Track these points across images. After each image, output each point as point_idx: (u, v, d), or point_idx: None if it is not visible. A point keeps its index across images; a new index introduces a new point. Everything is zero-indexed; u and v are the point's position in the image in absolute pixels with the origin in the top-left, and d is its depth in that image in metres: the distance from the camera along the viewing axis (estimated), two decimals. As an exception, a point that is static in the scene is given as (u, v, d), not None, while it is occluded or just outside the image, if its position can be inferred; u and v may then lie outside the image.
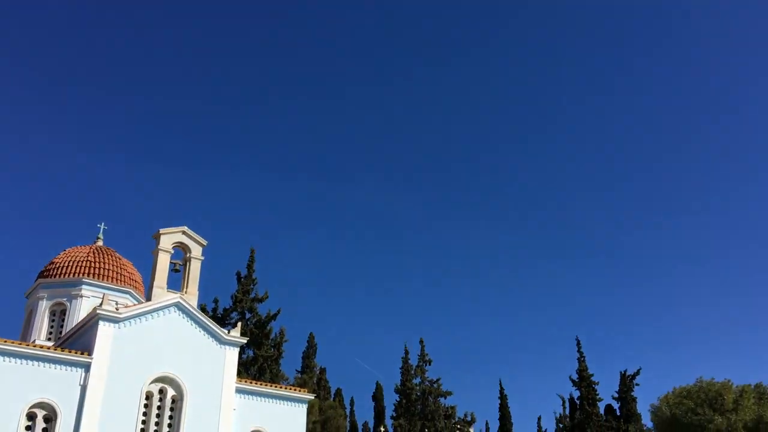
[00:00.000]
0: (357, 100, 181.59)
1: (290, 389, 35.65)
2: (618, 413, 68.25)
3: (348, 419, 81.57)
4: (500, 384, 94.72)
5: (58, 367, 28.21)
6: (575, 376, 69.30)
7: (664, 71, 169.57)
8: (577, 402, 69.55)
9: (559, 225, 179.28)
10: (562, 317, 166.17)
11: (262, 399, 33.78)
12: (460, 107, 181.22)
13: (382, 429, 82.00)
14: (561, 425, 71.58)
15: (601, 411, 68.26)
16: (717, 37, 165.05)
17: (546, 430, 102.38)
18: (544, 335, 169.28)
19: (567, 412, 71.97)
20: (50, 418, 27.56)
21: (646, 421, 58.28)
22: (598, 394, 68.18)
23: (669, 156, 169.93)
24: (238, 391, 32.79)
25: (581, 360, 69.63)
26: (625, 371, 69.35)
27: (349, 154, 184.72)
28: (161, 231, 33.29)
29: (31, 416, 27.19)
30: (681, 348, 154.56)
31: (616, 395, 69.14)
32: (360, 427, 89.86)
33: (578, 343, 70.21)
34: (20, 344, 28.08)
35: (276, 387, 35.45)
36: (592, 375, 68.72)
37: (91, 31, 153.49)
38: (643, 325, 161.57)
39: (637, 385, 68.60)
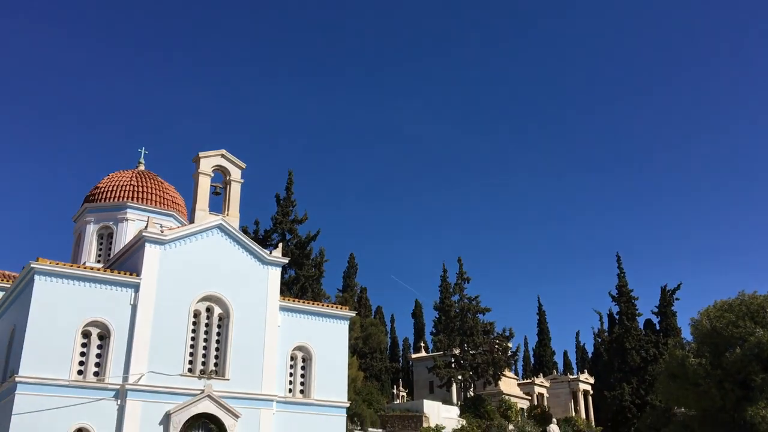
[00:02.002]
0: (394, 24, 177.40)
1: (332, 307, 36.43)
2: (657, 328, 68.50)
3: (389, 335, 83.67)
4: (538, 300, 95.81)
5: (109, 287, 29.20)
6: (615, 292, 69.37)
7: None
8: (617, 317, 69.89)
9: (598, 138, 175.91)
10: (602, 233, 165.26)
11: (306, 316, 34.61)
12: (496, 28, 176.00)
13: (422, 344, 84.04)
14: (599, 339, 72.29)
15: (641, 326, 68.57)
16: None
17: (584, 344, 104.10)
18: (582, 251, 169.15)
19: (606, 327, 72.52)
20: (104, 336, 28.77)
21: (686, 335, 58.44)
22: (637, 309, 68.32)
23: (709, 69, 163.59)
24: (282, 309, 33.64)
25: (621, 276, 69.48)
26: (666, 286, 69.16)
27: (388, 77, 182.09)
28: (200, 154, 33.53)
29: (86, 334, 28.41)
30: (723, 263, 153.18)
31: (656, 310, 69.19)
32: (400, 342, 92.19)
33: (618, 259, 70.02)
34: (71, 266, 29.10)
35: (318, 305, 36.26)
36: (632, 290, 68.70)
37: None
38: (685, 240, 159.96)
39: (677, 299, 68.44)
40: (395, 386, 77.60)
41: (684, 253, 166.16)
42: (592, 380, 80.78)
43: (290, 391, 33.21)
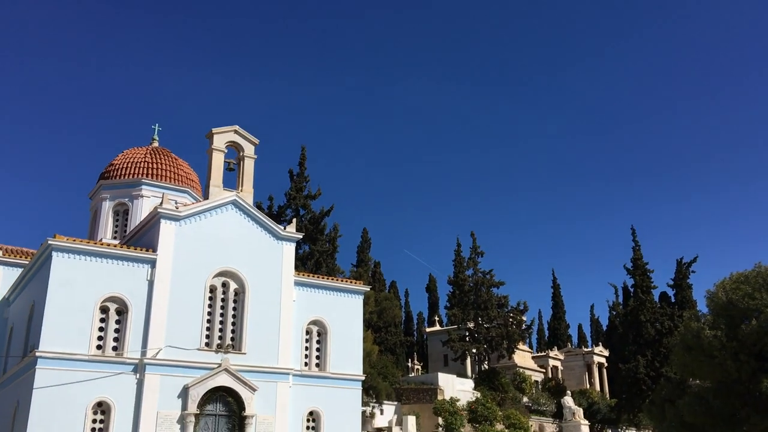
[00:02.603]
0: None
1: (347, 281, 36.63)
2: (673, 300, 68.21)
3: (403, 310, 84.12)
4: (553, 273, 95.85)
5: (126, 263, 29.44)
6: (630, 265, 69.06)
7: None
8: (631, 290, 69.66)
9: (609, 107, 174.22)
10: (617, 206, 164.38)
11: (320, 291, 34.81)
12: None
13: (436, 318, 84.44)
14: (614, 312, 72.16)
15: (656, 299, 68.28)
16: None
17: (599, 317, 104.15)
18: (597, 224, 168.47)
19: (620, 300, 72.35)
20: (122, 311, 29.10)
21: (702, 307, 58.14)
22: (652, 282, 68.02)
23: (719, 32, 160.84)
24: (297, 283, 33.83)
25: (636, 248, 69.13)
26: (681, 258, 68.74)
27: (397, 50, 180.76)
28: (213, 131, 33.55)
29: (104, 309, 28.74)
30: (739, 235, 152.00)
31: (672, 283, 68.84)
32: (415, 317, 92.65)
33: (633, 232, 69.62)
34: (88, 242, 29.35)
35: (333, 280, 36.45)
36: (647, 263, 68.35)
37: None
38: (701, 213, 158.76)
39: (693, 272, 67.96)
40: (410, 360, 78.14)
41: (700, 226, 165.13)
42: (606, 353, 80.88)
43: (306, 364, 33.53)
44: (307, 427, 32.55)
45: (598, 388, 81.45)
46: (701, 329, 36.72)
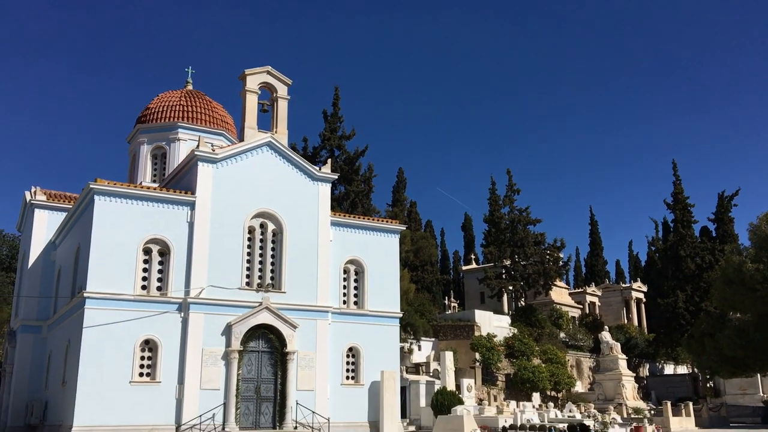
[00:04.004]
0: None
1: (382, 221, 36.80)
2: (714, 235, 67.19)
3: (439, 248, 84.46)
4: (590, 210, 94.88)
5: (166, 206, 29.91)
6: (670, 200, 67.99)
7: None
8: (671, 225, 68.74)
9: (650, 37, 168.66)
10: (657, 139, 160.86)
11: (357, 231, 35.05)
12: None
13: (472, 257, 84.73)
14: (653, 248, 71.47)
15: (697, 233, 67.34)
16: None
17: (637, 253, 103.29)
18: (636, 159, 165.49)
19: (660, 235, 71.54)
20: (164, 252, 29.73)
21: (744, 241, 57.14)
22: (693, 217, 66.96)
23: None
24: (333, 224, 34.09)
25: (677, 183, 67.91)
26: (723, 192, 67.36)
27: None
28: (246, 72, 33.43)
29: (146, 251, 29.39)
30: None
31: (713, 217, 67.69)
32: (451, 255, 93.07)
33: (674, 166, 68.34)
34: (128, 186, 29.89)
35: (369, 219, 36.63)
36: (688, 197, 67.18)
37: None
38: (743, 145, 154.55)
39: (735, 206, 66.58)
40: (446, 297, 78.86)
41: (743, 158, 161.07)
42: (644, 288, 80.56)
43: (345, 302, 34.06)
44: (347, 362, 33.36)
45: (635, 323, 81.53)
46: (743, 263, 36.30)
